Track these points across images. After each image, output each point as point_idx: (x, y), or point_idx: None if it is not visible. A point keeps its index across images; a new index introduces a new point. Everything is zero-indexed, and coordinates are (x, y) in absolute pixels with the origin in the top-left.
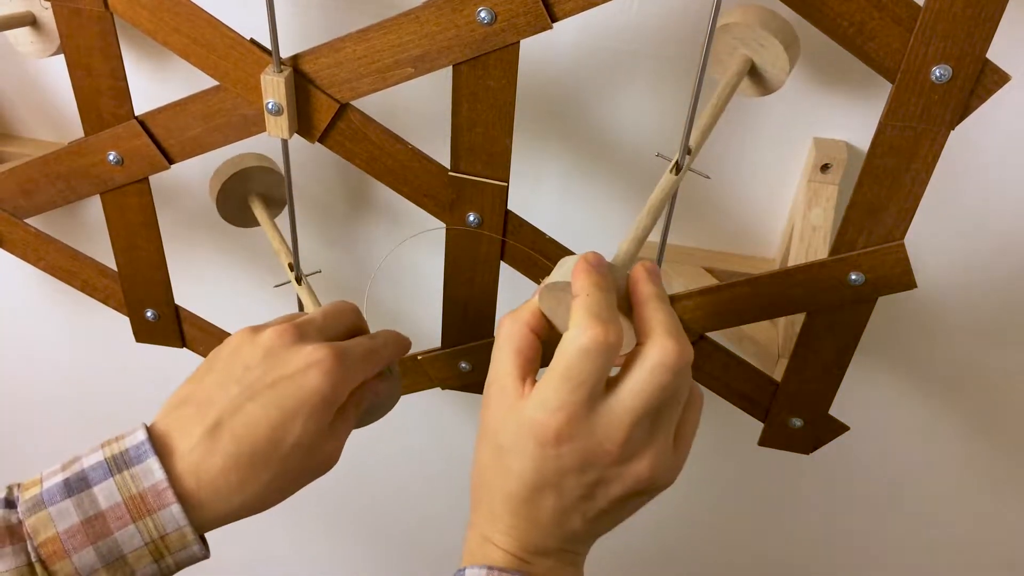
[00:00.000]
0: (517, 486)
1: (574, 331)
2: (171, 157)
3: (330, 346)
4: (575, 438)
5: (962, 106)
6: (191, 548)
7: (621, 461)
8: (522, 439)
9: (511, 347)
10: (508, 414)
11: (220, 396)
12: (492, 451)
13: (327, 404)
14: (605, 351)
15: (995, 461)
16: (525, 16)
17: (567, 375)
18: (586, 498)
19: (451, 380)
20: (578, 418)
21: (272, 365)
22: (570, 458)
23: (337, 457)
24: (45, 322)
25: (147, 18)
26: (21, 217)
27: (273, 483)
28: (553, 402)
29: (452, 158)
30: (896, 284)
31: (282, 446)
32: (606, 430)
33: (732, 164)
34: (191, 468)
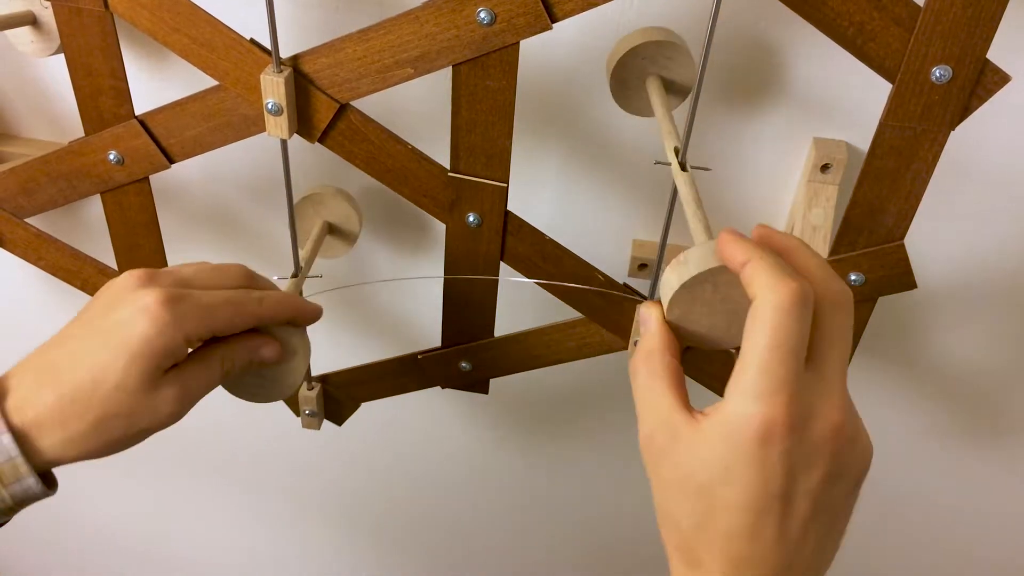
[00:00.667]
0: (737, 518)
1: (765, 293)
2: (171, 156)
3: (166, 290)
4: (801, 422)
5: (962, 106)
6: (26, 480)
7: (853, 439)
8: (733, 452)
9: (662, 380)
10: (697, 443)
11: (59, 340)
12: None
13: (151, 349)
14: (806, 305)
15: (995, 461)
16: (525, 16)
17: (773, 344)
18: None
19: (451, 379)
20: (794, 396)
21: (109, 306)
22: (797, 450)
23: (180, 412)
24: (45, 322)
25: (147, 18)
26: (22, 217)
27: (99, 424)
28: (766, 384)
29: (452, 158)
30: (896, 284)
31: (102, 387)
32: (822, 398)
33: (732, 164)
34: (19, 403)
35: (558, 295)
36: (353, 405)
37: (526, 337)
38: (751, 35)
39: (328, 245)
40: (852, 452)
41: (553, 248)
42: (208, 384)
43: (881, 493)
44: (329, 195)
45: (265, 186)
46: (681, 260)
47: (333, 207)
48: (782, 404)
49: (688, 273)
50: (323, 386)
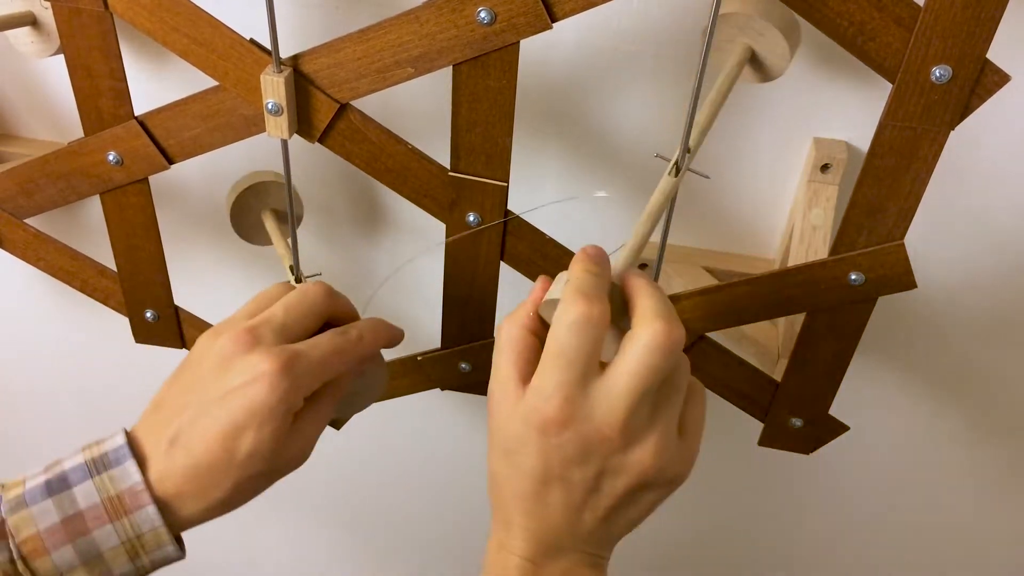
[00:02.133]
0: (525, 484)
1: (561, 310)
2: (171, 157)
3: (279, 354)
4: (573, 421)
5: (962, 106)
6: (166, 548)
7: (623, 448)
8: (525, 434)
9: (511, 350)
10: (511, 415)
11: (179, 406)
12: (501, 456)
13: (275, 415)
14: (592, 324)
15: (995, 461)
16: (525, 16)
17: (558, 354)
18: (593, 491)
19: (451, 381)
20: (573, 399)
21: (222, 376)
22: (572, 445)
23: (307, 453)
24: (45, 322)
25: (147, 18)
26: (21, 217)
27: (238, 488)
28: (549, 386)
29: (452, 158)
30: (896, 284)
31: (236, 456)
32: (603, 413)
33: (732, 164)
34: (160, 474)
35: None
36: None
37: None
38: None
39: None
40: (629, 459)
41: (553, 248)
42: (325, 421)
43: (880, 492)
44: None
45: None
46: (558, 278)
47: (274, 194)
48: (554, 405)
49: (551, 294)
50: None
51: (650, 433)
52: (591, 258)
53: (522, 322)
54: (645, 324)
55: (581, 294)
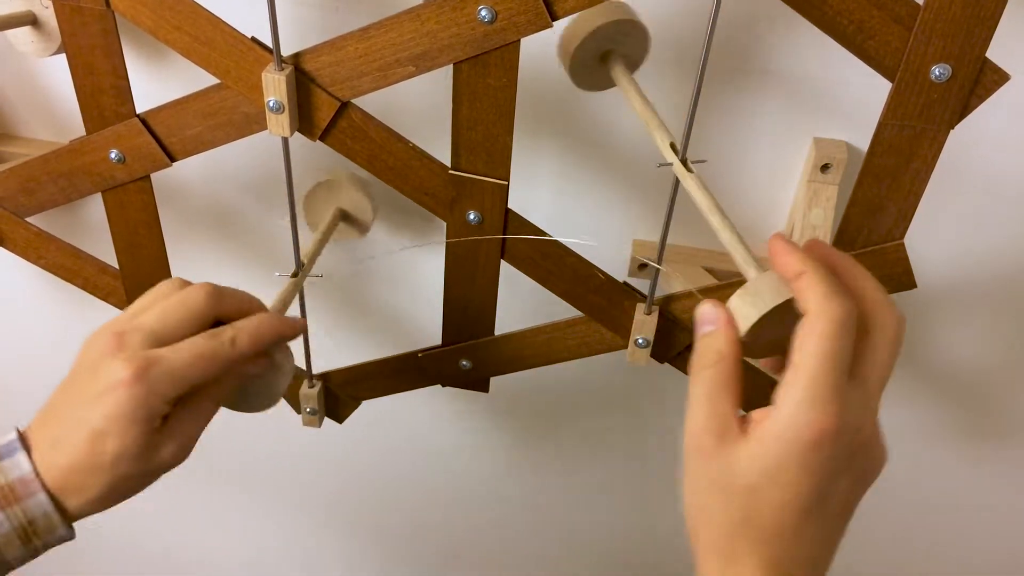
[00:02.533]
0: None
1: (822, 306)
2: (172, 155)
3: (135, 361)
4: (847, 429)
5: (962, 105)
6: (58, 531)
7: (874, 446)
8: (786, 457)
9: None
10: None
11: (58, 407)
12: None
13: (134, 421)
14: (853, 322)
15: (995, 461)
16: (525, 15)
17: (827, 357)
18: (847, 502)
19: (451, 378)
20: (848, 403)
21: (90, 380)
22: (841, 455)
23: (185, 452)
24: (46, 320)
25: (148, 16)
26: (22, 215)
27: (113, 487)
28: (821, 393)
29: (452, 156)
30: (896, 284)
31: (103, 459)
32: (862, 411)
33: (732, 164)
34: (47, 467)
35: (558, 293)
36: (354, 403)
37: (526, 335)
38: (751, 34)
39: (339, 231)
40: (873, 460)
41: (553, 247)
42: (204, 421)
43: (880, 492)
44: (343, 181)
45: (267, 184)
46: (753, 291)
47: (347, 194)
48: (834, 413)
49: (766, 305)
50: (324, 384)
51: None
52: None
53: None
54: (886, 312)
55: (838, 289)
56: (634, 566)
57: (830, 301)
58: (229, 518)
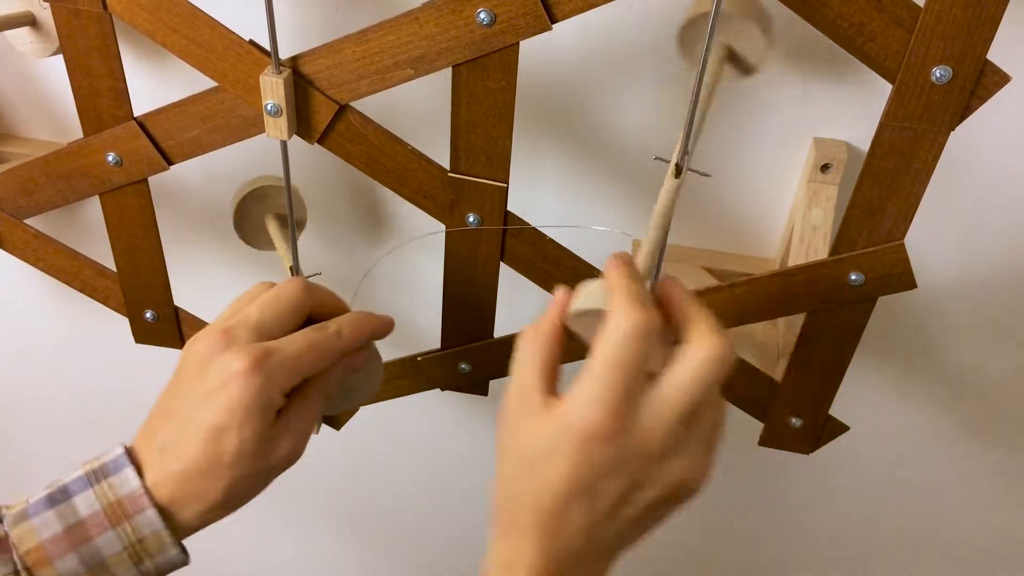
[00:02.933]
0: (549, 497)
1: (616, 318)
2: (170, 158)
3: (250, 352)
4: (617, 433)
5: (962, 107)
6: (169, 552)
7: (659, 460)
8: (557, 443)
9: (536, 359)
10: (538, 424)
11: (166, 414)
12: (518, 466)
13: (253, 412)
14: (648, 335)
15: (995, 461)
16: (524, 17)
17: (610, 363)
18: (619, 505)
19: (451, 381)
20: (621, 410)
21: (201, 380)
22: (609, 457)
23: (300, 450)
24: (45, 322)
25: (146, 19)
26: (21, 217)
27: (233, 488)
28: (595, 394)
29: (452, 159)
30: (896, 284)
31: (223, 457)
32: (649, 425)
33: (732, 164)
34: (156, 480)
35: None
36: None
37: None
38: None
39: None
40: (662, 472)
41: (553, 248)
42: (316, 416)
43: (880, 492)
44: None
45: None
46: (588, 291)
47: (277, 199)
48: (601, 415)
49: (587, 304)
50: None
51: (687, 447)
52: (629, 264)
53: (548, 331)
54: (702, 338)
55: (637, 302)
56: (635, 566)
57: (623, 311)
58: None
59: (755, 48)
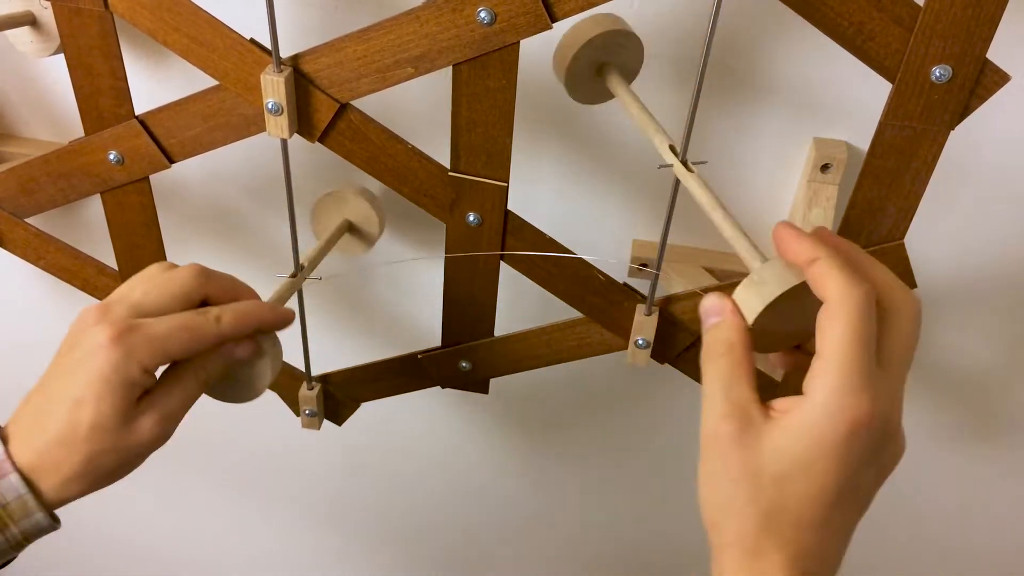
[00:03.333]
0: (811, 509)
1: (844, 291)
2: (171, 156)
3: (116, 325)
4: (875, 417)
5: (962, 106)
6: (34, 516)
7: (900, 430)
8: (818, 446)
9: (742, 370)
10: (776, 436)
11: (39, 385)
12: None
13: (111, 386)
14: (873, 304)
15: (995, 461)
16: (525, 16)
17: (856, 342)
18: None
19: (451, 379)
20: (879, 389)
21: (69, 352)
22: (870, 445)
23: (163, 431)
24: (45, 321)
25: (147, 18)
26: (22, 216)
27: (90, 462)
28: (855, 381)
29: (452, 158)
30: None
31: (79, 430)
32: (892, 398)
33: (732, 164)
34: (21, 447)
35: (558, 294)
36: (353, 405)
37: (526, 337)
38: (751, 35)
39: (345, 243)
40: (897, 448)
41: (553, 247)
42: (187, 400)
43: (881, 492)
44: (352, 194)
45: (265, 186)
46: (757, 280)
47: (354, 206)
48: (868, 400)
49: (772, 294)
50: (323, 386)
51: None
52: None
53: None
54: (903, 295)
55: (851, 272)
56: (635, 566)
57: (851, 286)
58: (229, 519)
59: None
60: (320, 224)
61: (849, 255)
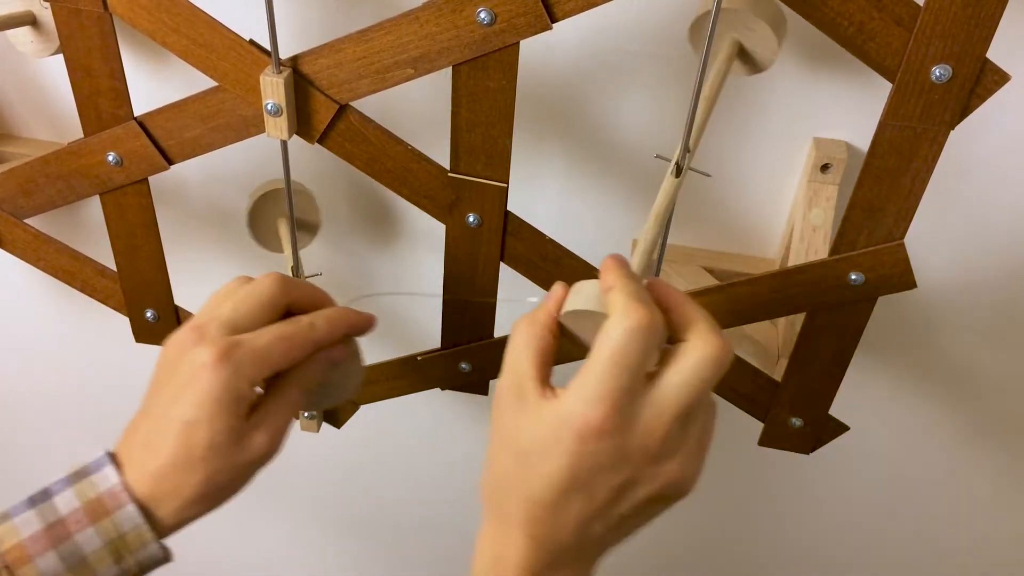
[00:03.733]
0: (543, 490)
1: (617, 316)
2: (170, 158)
3: (218, 344)
4: (616, 431)
5: (962, 106)
6: (149, 547)
7: (656, 459)
8: (555, 436)
9: (531, 348)
10: (532, 415)
11: (144, 412)
12: (512, 457)
13: (222, 405)
14: (651, 334)
15: (995, 461)
16: (525, 17)
17: (612, 360)
18: (613, 501)
19: (451, 380)
20: (622, 408)
21: (172, 376)
22: (607, 454)
23: (276, 444)
24: (45, 322)
25: (146, 19)
26: (21, 217)
27: (209, 483)
28: (596, 391)
29: (452, 159)
30: (896, 284)
31: (196, 451)
32: (646, 424)
33: (732, 164)
34: (135, 476)
35: None
36: (352, 407)
37: None
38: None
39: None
40: (660, 478)
41: (553, 248)
42: (293, 410)
43: (881, 492)
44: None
45: None
46: (579, 289)
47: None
48: (601, 412)
49: (573, 304)
50: None
51: (681, 447)
52: (626, 265)
53: (545, 323)
54: (701, 337)
55: (637, 300)
56: (634, 565)
57: (625, 309)
58: (230, 521)
59: (765, 45)
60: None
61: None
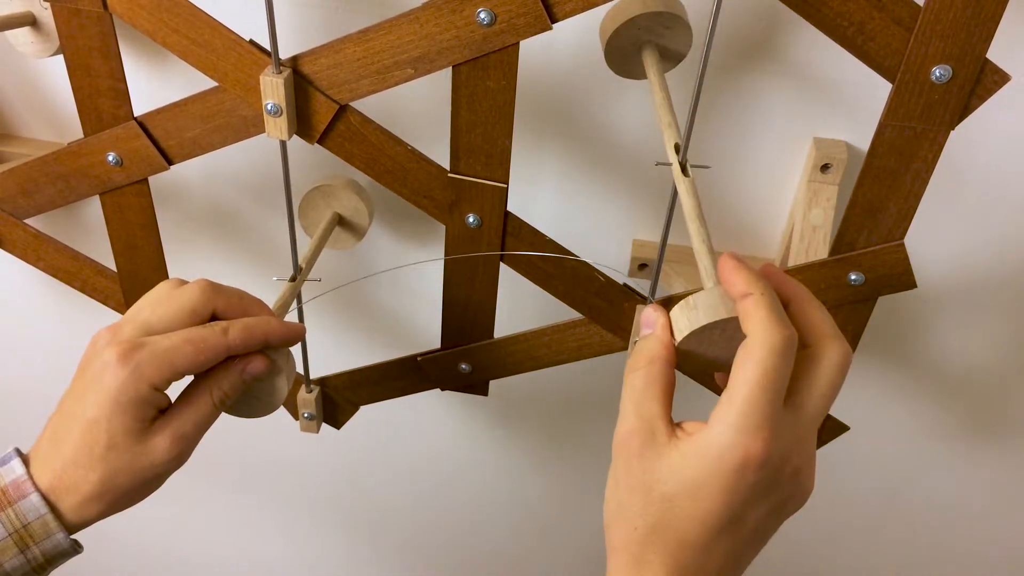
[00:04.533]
0: (698, 533)
1: (760, 336)
2: (170, 158)
3: (122, 345)
4: (770, 459)
5: (962, 106)
6: (55, 537)
7: (798, 474)
8: (708, 474)
9: (656, 387)
10: (674, 457)
11: (57, 409)
12: (654, 504)
13: (121, 405)
14: (792, 350)
15: (995, 461)
16: (525, 17)
17: (762, 385)
18: (761, 529)
19: (451, 381)
20: (779, 432)
21: (82, 374)
22: (761, 484)
23: (177, 451)
24: (44, 322)
25: (146, 19)
26: (21, 217)
27: (106, 483)
28: (753, 420)
29: (451, 159)
30: (896, 284)
31: (95, 449)
32: (793, 444)
33: (732, 164)
34: (41, 468)
35: (558, 295)
36: (352, 408)
37: (526, 338)
38: (751, 35)
39: (336, 237)
40: (798, 490)
41: (553, 248)
42: (202, 420)
43: (881, 492)
44: (340, 186)
45: (264, 187)
46: (691, 304)
47: (343, 199)
48: (762, 440)
49: (698, 321)
50: (321, 389)
51: (812, 456)
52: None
53: (665, 356)
54: (833, 344)
55: (780, 316)
56: None
57: (771, 329)
58: (229, 522)
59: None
60: (308, 219)
61: (789, 295)
